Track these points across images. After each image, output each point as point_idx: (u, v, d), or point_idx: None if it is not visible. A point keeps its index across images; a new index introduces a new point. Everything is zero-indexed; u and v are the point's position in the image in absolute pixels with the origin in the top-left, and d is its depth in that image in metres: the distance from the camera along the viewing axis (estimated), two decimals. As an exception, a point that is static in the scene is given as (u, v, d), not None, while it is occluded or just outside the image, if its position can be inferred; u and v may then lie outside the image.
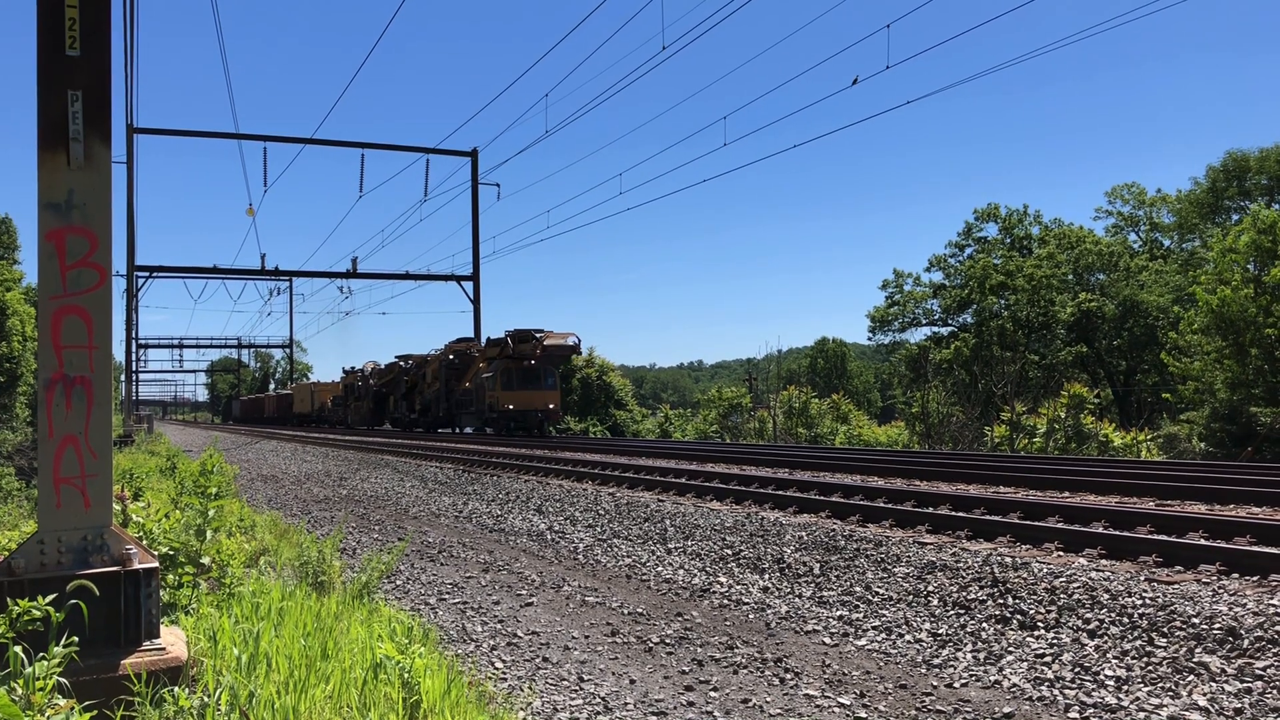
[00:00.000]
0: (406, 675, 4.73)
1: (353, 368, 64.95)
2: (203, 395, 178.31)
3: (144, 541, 5.53)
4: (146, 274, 50.45)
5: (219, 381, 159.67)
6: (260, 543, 9.84)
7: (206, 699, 4.13)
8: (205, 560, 6.12)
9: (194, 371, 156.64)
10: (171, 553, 5.91)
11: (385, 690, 4.62)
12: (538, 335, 37.59)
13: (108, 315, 4.48)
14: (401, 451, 28.39)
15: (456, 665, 5.75)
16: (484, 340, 49.09)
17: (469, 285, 51.25)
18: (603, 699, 5.75)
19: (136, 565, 4.35)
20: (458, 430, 44.83)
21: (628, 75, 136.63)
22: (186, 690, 4.13)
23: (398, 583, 9.59)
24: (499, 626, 7.66)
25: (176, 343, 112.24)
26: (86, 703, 3.83)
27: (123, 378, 68.87)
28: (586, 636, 7.32)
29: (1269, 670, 5.47)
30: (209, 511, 6.50)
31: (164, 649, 4.33)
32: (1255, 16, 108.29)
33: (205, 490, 7.10)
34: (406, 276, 52.66)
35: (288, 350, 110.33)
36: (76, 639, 3.87)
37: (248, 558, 8.11)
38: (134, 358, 70.32)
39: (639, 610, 8.17)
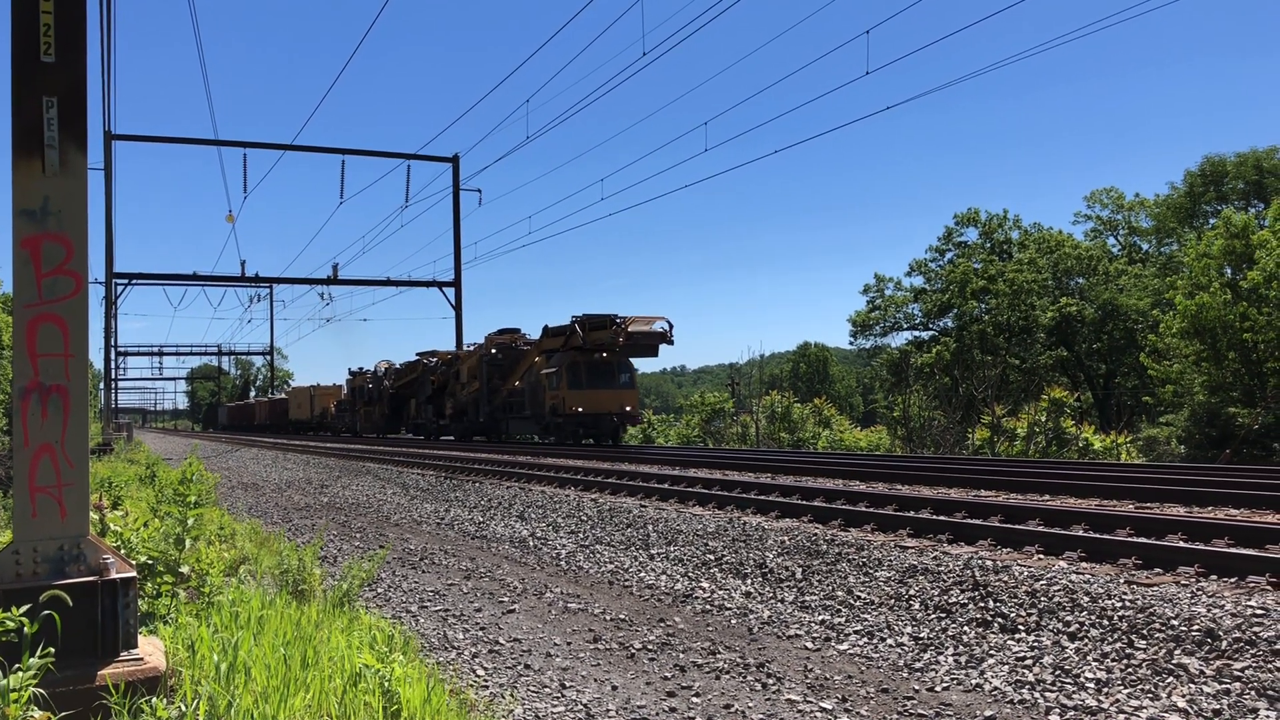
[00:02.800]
0: (386, 684, 4.71)
1: (360, 368, 59.59)
2: (183, 403, 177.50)
3: (122, 551, 5.49)
4: (125, 281, 50.23)
5: (199, 389, 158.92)
6: (240, 551, 9.78)
7: (184, 709, 4.10)
8: (184, 569, 6.08)
9: (174, 379, 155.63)
10: (150, 562, 5.87)
11: (365, 699, 4.59)
12: (619, 321, 31.32)
13: (84, 323, 4.45)
14: (383, 458, 28.28)
15: (437, 673, 5.73)
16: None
17: (450, 291, 51.15)
18: (585, 705, 5.74)
19: (114, 575, 4.32)
20: (503, 438, 39.00)
21: (609, 81, 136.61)
22: (164, 700, 4.10)
23: (379, 590, 9.55)
24: (480, 634, 7.64)
25: (156, 350, 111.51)
26: (63, 713, 3.80)
27: (101, 385, 68.38)
28: (569, 643, 7.31)
29: (1247, 671, 5.50)
30: (188, 520, 6.46)
31: (142, 659, 4.30)
32: (1232, 24, 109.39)
33: (185, 498, 7.05)
34: (388, 283, 52.54)
35: (268, 357, 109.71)
36: (53, 650, 3.84)
37: (227, 566, 8.06)
38: (113, 365, 69.77)
39: (621, 616, 8.16)
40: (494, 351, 39.04)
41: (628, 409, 32.60)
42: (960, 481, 14.02)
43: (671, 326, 31.37)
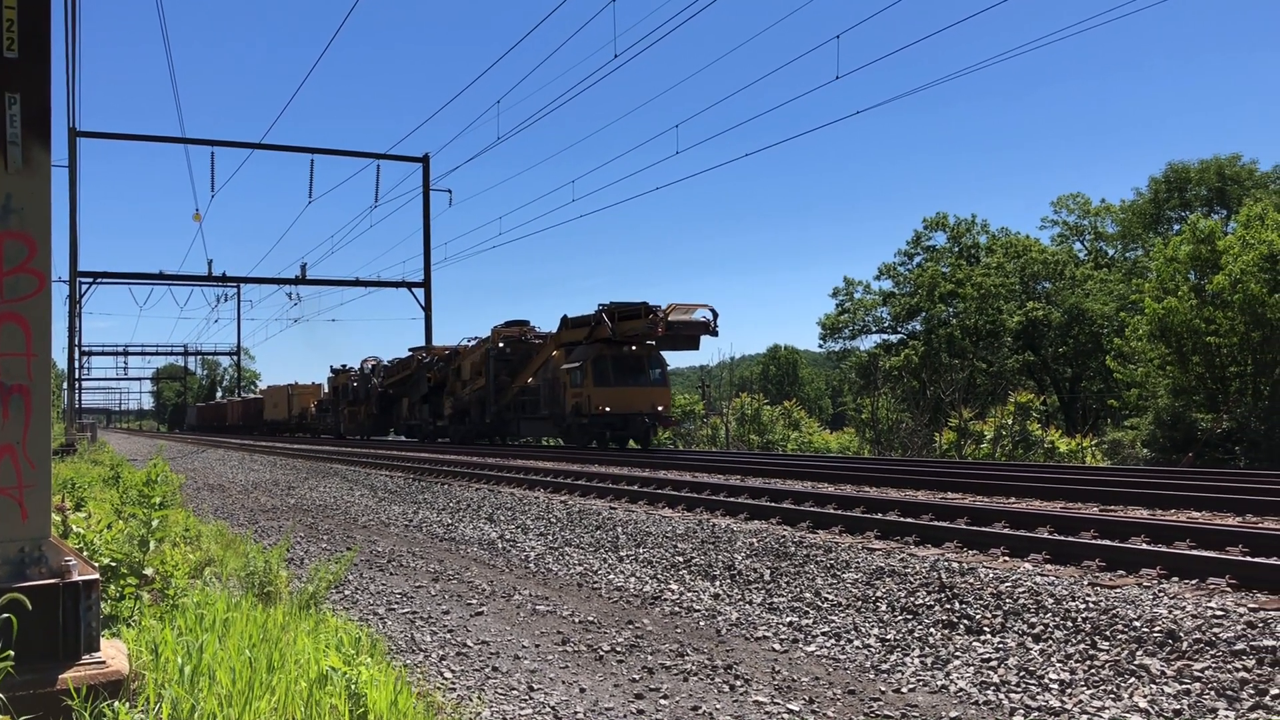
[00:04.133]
0: (353, 686, 4.68)
1: (344, 366, 56.08)
2: (148, 403, 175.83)
3: (85, 553, 5.43)
4: (90, 280, 49.69)
5: (165, 389, 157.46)
6: (206, 553, 9.70)
7: (147, 713, 4.06)
8: (148, 571, 6.03)
9: (139, 379, 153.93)
10: (113, 564, 5.81)
11: (331, 702, 4.57)
12: (657, 310, 27.75)
13: (47, 322, 4.40)
14: (351, 460, 28.12)
15: (404, 676, 5.70)
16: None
17: (420, 292, 50.94)
18: (552, 708, 5.73)
19: (76, 577, 4.27)
20: (511, 441, 36.22)
21: (580, 83, 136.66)
22: (127, 704, 4.06)
23: (346, 593, 9.49)
24: (448, 636, 7.61)
25: (121, 350, 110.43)
26: (23, 718, 3.76)
27: (65, 385, 67.54)
28: (537, 645, 7.29)
29: (1207, 672, 5.57)
30: (153, 522, 6.40)
31: (104, 662, 4.25)
32: (1196, 34, 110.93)
33: (149, 500, 6.99)
34: (356, 283, 52.23)
35: (235, 357, 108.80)
36: (12, 653, 3.79)
37: (192, 568, 7.99)
38: (77, 365, 68.97)
39: (590, 618, 8.15)
40: (501, 345, 35.49)
41: (660, 409, 29.29)
42: (927, 484, 14.12)
43: (716, 315, 27.93)
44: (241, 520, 16.34)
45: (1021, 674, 6.06)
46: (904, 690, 6.03)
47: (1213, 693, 5.38)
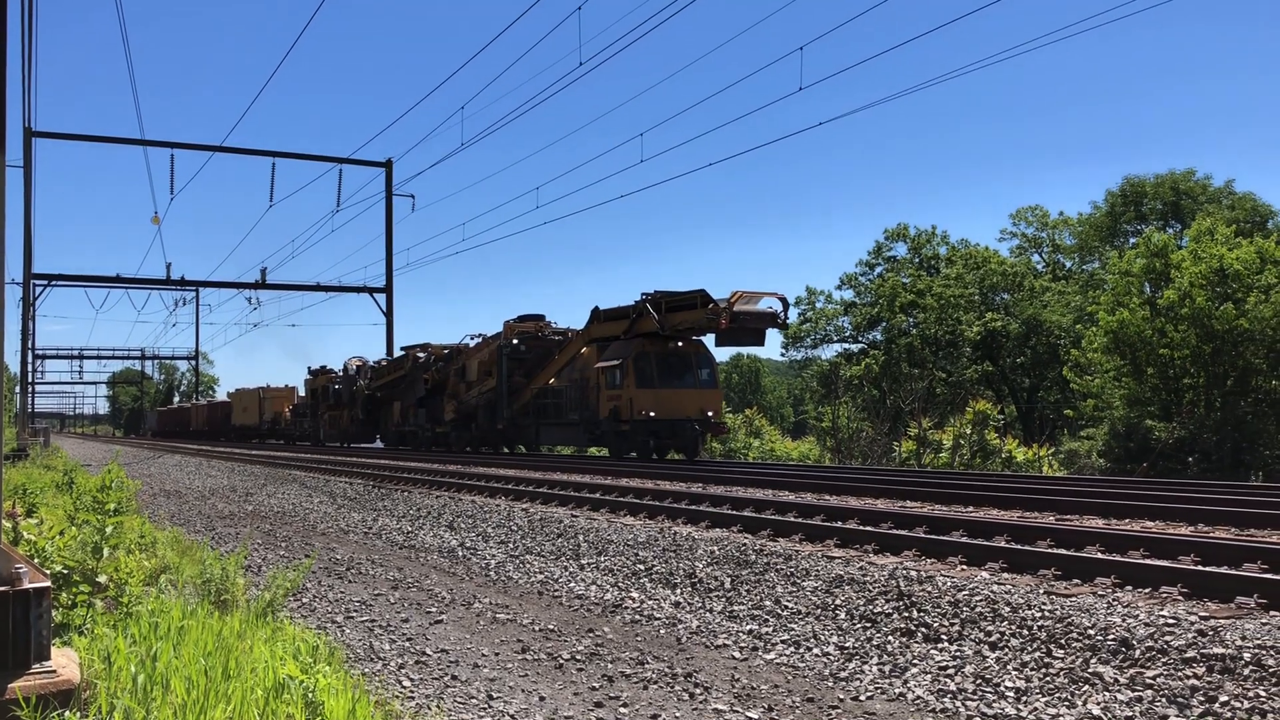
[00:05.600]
0: (310, 695, 4.64)
1: (323, 366, 52.47)
2: (104, 407, 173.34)
3: (36, 560, 5.35)
4: (44, 283, 48.98)
5: (121, 393, 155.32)
6: (161, 560, 9.57)
7: (99, 722, 4.01)
8: (102, 579, 5.94)
9: (95, 383, 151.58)
10: (66, 571, 5.72)
11: (288, 710, 4.52)
12: (722, 299, 23.47)
13: (-1, 325, 4.34)
14: (310, 466, 27.88)
15: (363, 684, 5.66)
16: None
17: (382, 297, 50.62)
18: (511, 716, 5.71)
19: (26, 585, 4.21)
20: (528, 449, 32.70)
21: (545, 90, 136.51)
22: (78, 714, 4.00)
23: (304, 600, 9.41)
24: (407, 644, 7.56)
25: (76, 354, 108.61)
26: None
27: (17, 389, 66.38)
28: (496, 654, 7.27)
29: (1158, 679, 5.65)
30: (107, 528, 6.31)
31: (55, 671, 4.19)
32: (1150, 53, 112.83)
33: (103, 506, 6.89)
34: (317, 288, 51.79)
35: (194, 362, 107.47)
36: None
37: (147, 576, 7.88)
38: (30, 369, 67.81)
39: (550, 627, 8.13)
40: (516, 342, 31.91)
41: (710, 414, 25.65)
42: (887, 492, 14.22)
43: (786, 306, 24.28)
44: (198, 527, 16.15)
45: (978, 682, 6.11)
46: (862, 698, 6.06)
47: (1164, 700, 5.46)
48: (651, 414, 24.91)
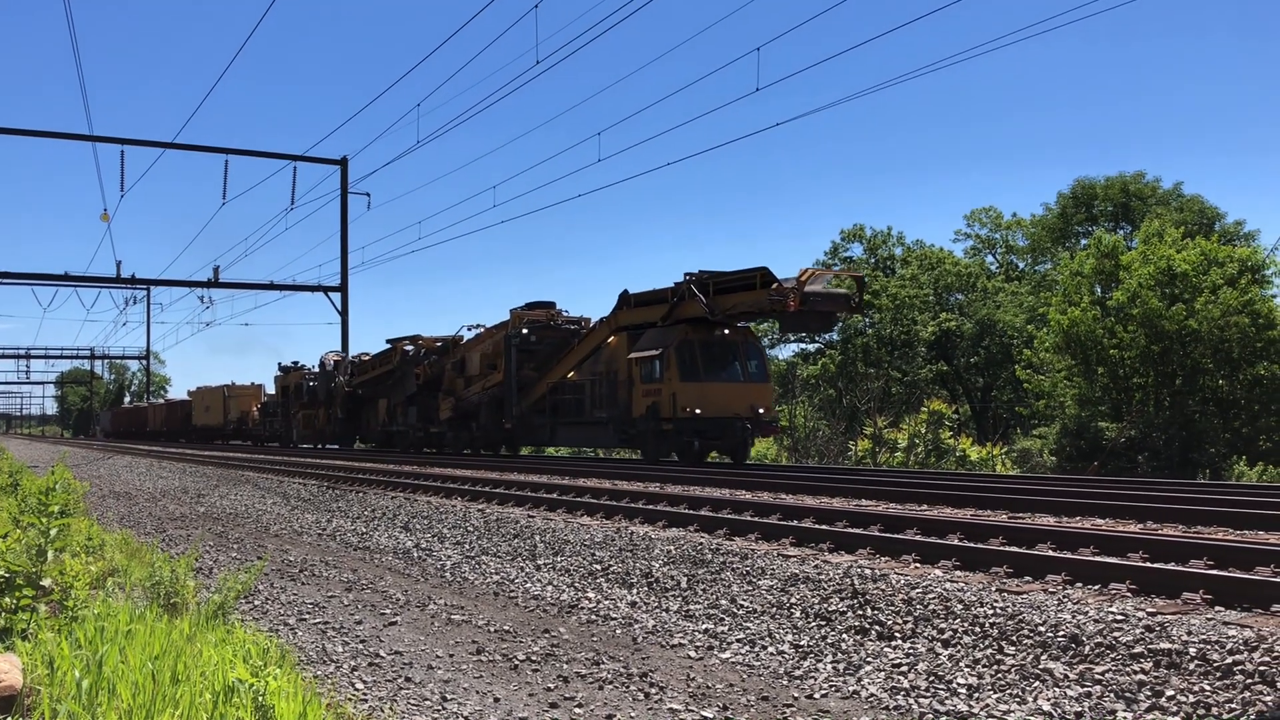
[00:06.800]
0: (260, 698, 4.58)
1: (295, 363, 49.77)
2: (52, 408, 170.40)
3: (-22, 563, 5.24)
4: (-10, 281, 47.93)
5: (70, 394, 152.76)
6: (109, 563, 9.42)
7: (42, 729, 3.93)
8: (46, 582, 5.84)
9: (42, 383, 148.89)
10: (8, 575, 5.61)
11: (237, 715, 4.46)
12: (790, 281, 20.33)
13: (-61, 324, 4.24)
14: (264, 467, 27.58)
15: (315, 687, 5.60)
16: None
17: (337, 296, 50.13)
18: (465, 718, 5.68)
19: (-33, 589, 4.12)
20: (539, 449, 30.70)
21: (502, 88, 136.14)
22: (20, 720, 3.92)
23: (256, 603, 9.29)
24: (361, 646, 7.50)
25: (23, 353, 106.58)
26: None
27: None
28: (451, 655, 7.22)
29: (1107, 674, 5.73)
30: (51, 531, 6.20)
31: (-4, 677, 4.10)
32: (1099, 56, 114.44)
33: (48, 508, 6.76)
34: (271, 286, 51.16)
35: (145, 361, 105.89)
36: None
37: (94, 579, 7.75)
38: (-25, 369, 66.29)
39: (506, 628, 8.10)
40: (526, 332, 28.94)
41: (761, 410, 22.56)
42: (843, 491, 14.30)
43: (862, 286, 22.55)
44: (148, 529, 15.91)
45: (931, 679, 6.16)
46: (816, 696, 6.09)
47: (1112, 695, 5.53)
48: (697, 411, 21.92)
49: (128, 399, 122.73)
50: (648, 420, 23.03)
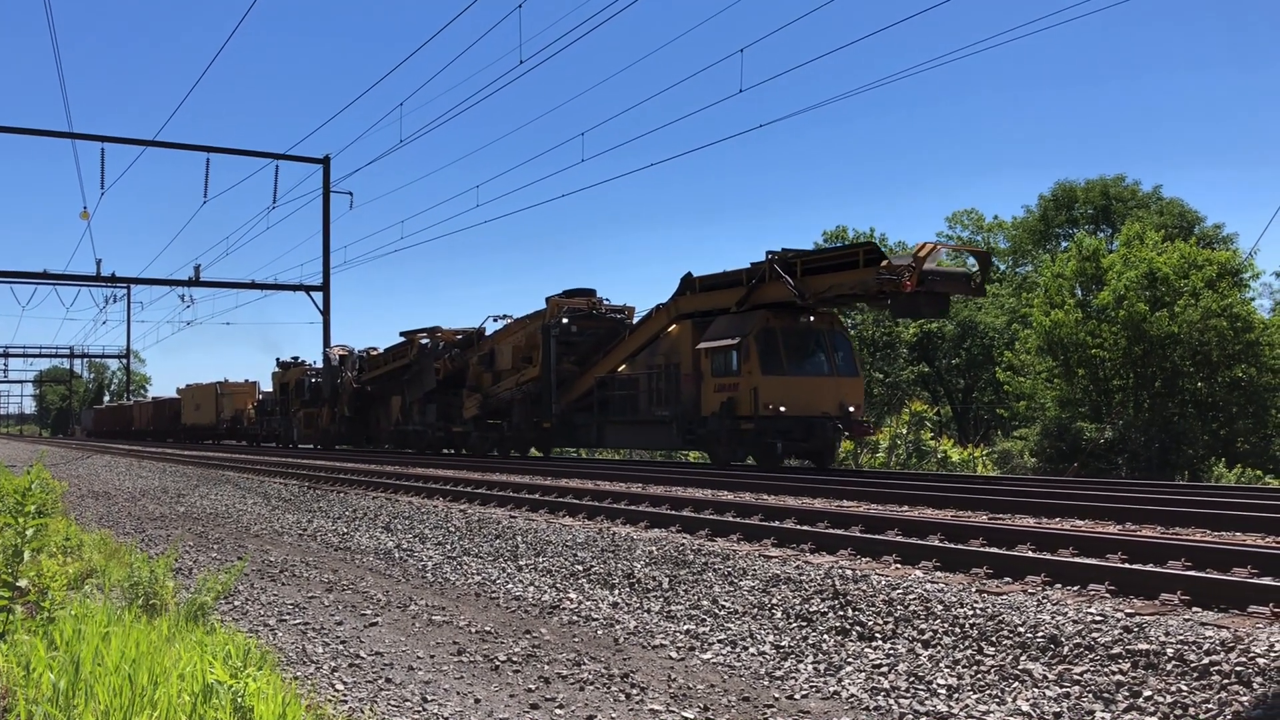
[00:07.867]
0: (239, 699, 4.56)
1: (295, 358, 46.63)
2: (30, 407, 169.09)
3: (-47, 564, 5.19)
4: (-32, 278, 47.54)
5: (49, 392, 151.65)
6: (87, 563, 9.36)
7: (18, 731, 3.90)
8: (22, 583, 5.79)
9: (20, 382, 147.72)
10: (-16, 576, 5.57)
11: (216, 716, 4.44)
12: (905, 257, 18.00)
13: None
14: (244, 467, 27.45)
15: (294, 688, 5.58)
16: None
17: (319, 295, 49.89)
18: (445, 719, 5.67)
19: (-58, 590, 4.08)
20: (582, 452, 28.15)
21: (485, 87, 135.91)
22: (-4, 722, 3.89)
23: (236, 604, 9.25)
24: (341, 647, 7.47)
25: (1, 351, 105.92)
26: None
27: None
28: (432, 656, 7.20)
29: (1085, 675, 5.77)
30: (27, 531, 6.15)
31: (-28, 679, 4.07)
32: (1081, 59, 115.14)
33: (23, 508, 6.71)
34: (253, 285, 50.86)
35: (125, 360, 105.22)
36: None
37: (72, 580, 7.71)
38: (-48, 367, 65.79)
39: (487, 628, 8.08)
40: (566, 322, 26.32)
41: (852, 409, 20.13)
42: (824, 492, 14.33)
43: (987, 264, 20.24)
44: (128, 529, 15.82)
45: (911, 679, 6.19)
46: (797, 696, 6.11)
47: (1091, 695, 5.57)
48: (781, 409, 19.31)
49: (107, 398, 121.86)
50: (721, 419, 20.33)
